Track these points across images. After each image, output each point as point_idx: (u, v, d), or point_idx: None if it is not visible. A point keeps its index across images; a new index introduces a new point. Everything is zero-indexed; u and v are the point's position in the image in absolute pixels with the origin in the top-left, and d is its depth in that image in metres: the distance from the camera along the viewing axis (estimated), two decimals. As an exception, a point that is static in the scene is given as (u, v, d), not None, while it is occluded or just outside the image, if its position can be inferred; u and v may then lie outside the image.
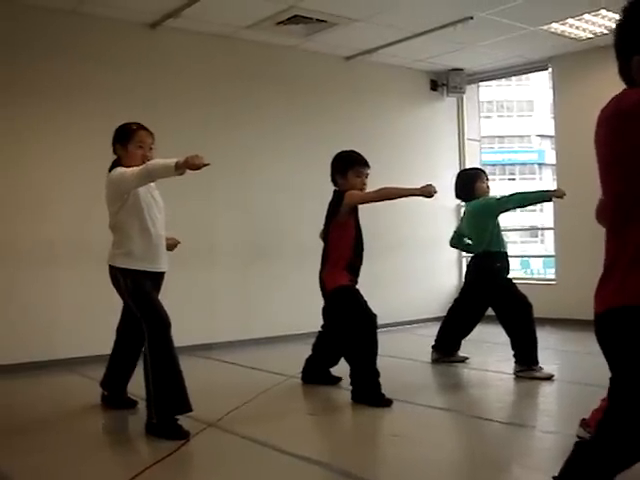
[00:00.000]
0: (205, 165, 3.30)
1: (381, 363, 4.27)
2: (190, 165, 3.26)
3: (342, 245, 4.39)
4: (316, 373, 4.78)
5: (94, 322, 5.58)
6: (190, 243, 6.15)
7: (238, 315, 6.67)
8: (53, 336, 5.63)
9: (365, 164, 4.45)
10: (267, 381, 4.82)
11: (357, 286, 4.44)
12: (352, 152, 4.52)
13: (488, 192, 5.29)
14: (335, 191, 4.49)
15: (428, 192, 4.18)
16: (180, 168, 3.30)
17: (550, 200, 5.21)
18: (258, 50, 6.90)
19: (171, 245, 4.09)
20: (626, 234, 1.70)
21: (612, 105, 1.71)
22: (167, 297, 3.92)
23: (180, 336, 3.73)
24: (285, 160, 7.04)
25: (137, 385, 3.81)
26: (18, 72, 5.57)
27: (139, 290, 3.72)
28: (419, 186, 4.21)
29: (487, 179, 5.33)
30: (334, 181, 4.52)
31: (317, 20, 6.31)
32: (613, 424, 1.74)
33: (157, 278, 3.88)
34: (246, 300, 6.74)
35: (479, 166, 7.69)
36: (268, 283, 6.86)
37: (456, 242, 5.63)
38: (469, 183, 5.26)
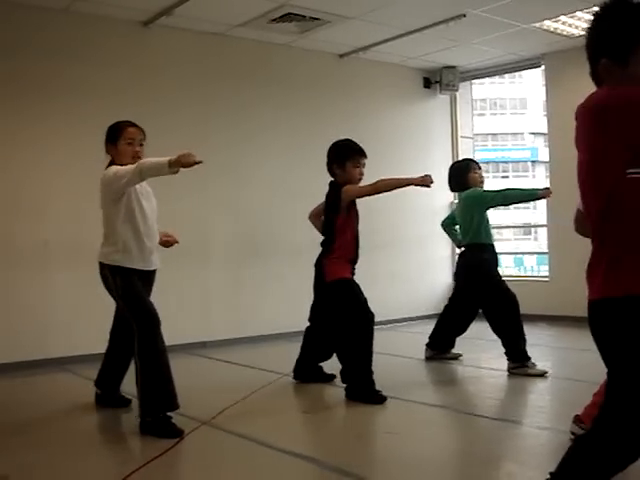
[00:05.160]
0: (197, 163, 3.32)
1: (375, 360, 4.27)
2: (183, 163, 3.28)
3: (346, 238, 4.37)
4: (308, 370, 4.75)
5: (88, 321, 5.58)
6: (184, 242, 6.09)
7: (232, 313, 6.66)
8: (47, 335, 5.61)
9: (362, 153, 4.38)
10: (261, 379, 4.81)
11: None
12: (349, 141, 4.44)
13: (482, 181, 5.22)
14: (332, 183, 4.42)
15: (428, 181, 4.20)
16: (173, 166, 3.31)
17: (540, 199, 5.19)
18: (251, 48, 6.89)
19: (169, 242, 4.10)
20: (604, 233, 1.76)
21: (585, 102, 1.76)
22: (161, 295, 3.92)
23: (174, 334, 3.73)
24: (279, 158, 7.03)
25: (132, 384, 3.80)
26: (10, 72, 5.53)
27: (128, 288, 3.71)
28: (417, 176, 4.23)
29: (479, 168, 5.27)
30: (331, 171, 4.44)
31: (310, 18, 6.31)
32: (609, 420, 1.74)
33: (147, 276, 3.86)
34: (240, 298, 6.73)
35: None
36: (262, 281, 6.86)
37: (446, 224, 5.63)
38: (461, 174, 5.22)
